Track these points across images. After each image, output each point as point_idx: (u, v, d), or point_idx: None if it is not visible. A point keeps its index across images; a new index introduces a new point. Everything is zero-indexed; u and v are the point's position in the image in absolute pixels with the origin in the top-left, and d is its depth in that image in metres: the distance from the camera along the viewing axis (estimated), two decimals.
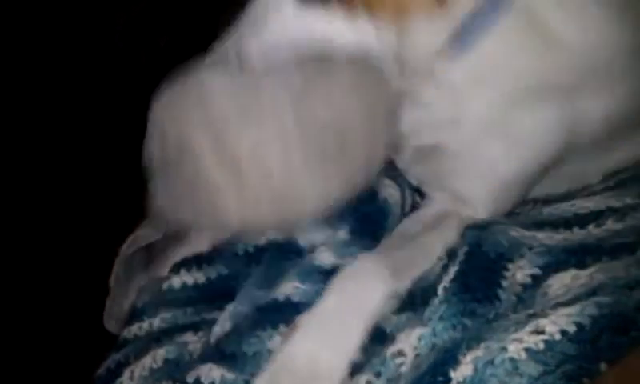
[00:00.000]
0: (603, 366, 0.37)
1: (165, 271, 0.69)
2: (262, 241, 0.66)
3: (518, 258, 0.53)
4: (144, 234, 0.82)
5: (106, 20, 2.54)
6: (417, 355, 0.47)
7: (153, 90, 0.67)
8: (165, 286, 0.68)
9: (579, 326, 0.40)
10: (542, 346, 0.39)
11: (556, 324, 0.40)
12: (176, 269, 0.69)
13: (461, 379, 0.41)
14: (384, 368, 0.48)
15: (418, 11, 0.58)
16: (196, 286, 0.68)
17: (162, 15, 2.34)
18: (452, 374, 0.41)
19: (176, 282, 0.68)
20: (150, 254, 0.77)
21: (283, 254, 0.64)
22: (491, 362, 0.40)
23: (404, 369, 0.47)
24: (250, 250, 0.67)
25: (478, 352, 0.41)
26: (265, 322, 0.55)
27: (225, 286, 0.66)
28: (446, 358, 0.43)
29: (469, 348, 0.42)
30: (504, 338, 0.41)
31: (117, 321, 0.73)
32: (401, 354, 0.48)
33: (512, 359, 0.39)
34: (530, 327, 0.41)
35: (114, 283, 0.76)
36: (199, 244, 0.69)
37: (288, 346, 0.50)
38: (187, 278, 0.68)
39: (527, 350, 0.39)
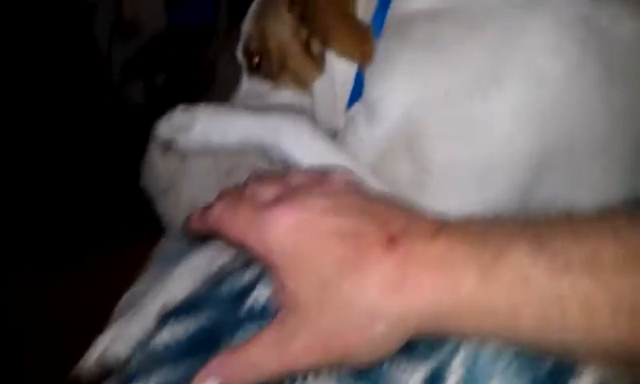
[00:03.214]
0: None
1: (148, 321, 0.67)
2: (243, 281, 0.62)
3: None
4: (138, 291, 0.79)
5: (104, 57, 2.63)
6: None
7: (149, 126, 0.75)
8: (156, 340, 0.65)
9: None
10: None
11: None
12: (165, 319, 0.65)
13: None
14: None
15: (306, 75, 0.76)
16: (187, 336, 0.64)
17: (159, 53, 2.39)
18: None
19: (165, 336, 0.64)
20: None
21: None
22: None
23: None
24: (234, 292, 0.63)
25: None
26: None
27: (216, 333, 0.61)
28: None
29: None
30: None
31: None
32: None
33: None
34: None
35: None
36: (180, 289, 0.69)
37: None
38: (177, 329, 0.64)
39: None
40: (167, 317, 0.65)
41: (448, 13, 0.65)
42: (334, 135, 0.72)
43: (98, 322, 0.74)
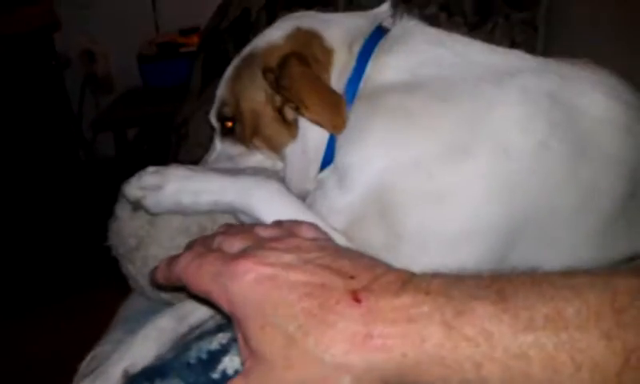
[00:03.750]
0: None
1: None
2: (214, 345, 0.60)
3: None
4: (102, 351, 0.77)
5: (75, 112, 2.63)
6: None
7: (119, 179, 0.75)
8: None
9: None
10: None
11: None
12: None
13: None
14: None
15: (279, 140, 0.78)
16: None
17: (132, 108, 2.40)
18: None
19: None
20: None
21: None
22: None
23: None
24: (203, 356, 0.61)
25: None
26: None
27: None
28: None
29: None
30: None
31: None
32: None
33: None
34: None
35: None
36: (144, 353, 0.67)
37: None
38: None
39: None
40: None
41: (420, 85, 0.68)
42: (304, 199, 0.72)
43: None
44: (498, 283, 0.37)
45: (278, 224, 0.53)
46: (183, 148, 1.32)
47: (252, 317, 0.41)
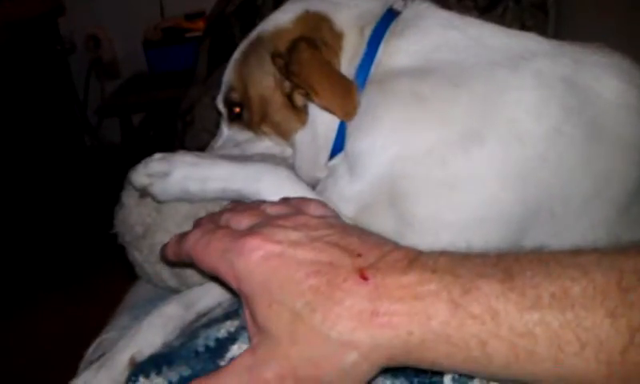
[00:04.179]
0: None
1: (116, 373, 0.64)
2: (222, 333, 0.60)
3: None
4: (109, 338, 0.76)
5: (80, 98, 2.63)
6: None
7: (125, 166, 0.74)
8: None
9: None
10: None
11: None
12: (134, 376, 0.62)
13: None
14: None
15: (288, 127, 0.76)
16: None
17: (138, 93, 2.39)
18: None
19: None
20: None
21: None
22: None
23: None
24: (211, 344, 0.60)
25: None
26: None
27: None
28: None
29: None
30: None
31: None
32: None
33: None
34: None
35: None
36: (150, 340, 0.66)
37: None
38: None
39: None
40: (137, 373, 0.61)
41: (432, 70, 0.66)
42: (313, 187, 0.71)
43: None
44: (504, 262, 0.38)
45: (285, 201, 0.53)
46: (189, 134, 1.32)
47: (259, 293, 0.41)
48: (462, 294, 0.36)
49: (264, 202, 0.55)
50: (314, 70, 0.67)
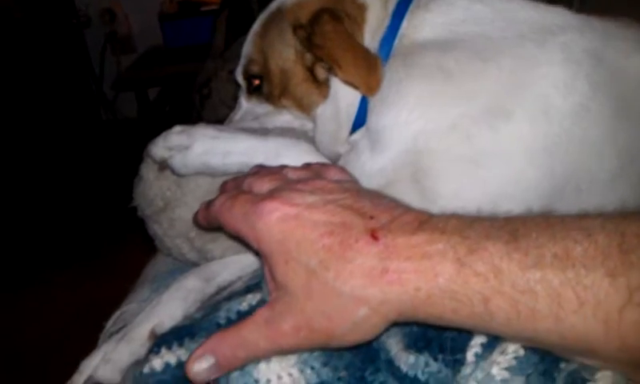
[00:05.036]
0: None
1: (137, 346, 0.65)
2: (244, 306, 0.60)
3: None
4: (129, 310, 0.77)
5: (96, 71, 2.63)
6: None
7: (141, 140, 0.75)
8: (146, 370, 0.61)
9: None
10: (513, 362, 0.41)
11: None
12: (156, 347, 0.62)
13: None
14: None
15: (309, 100, 0.76)
16: (179, 365, 0.61)
17: (152, 68, 2.38)
18: None
19: (157, 363, 0.61)
20: None
21: None
22: None
23: None
24: (233, 317, 0.60)
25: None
26: None
27: None
28: None
29: None
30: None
31: None
32: None
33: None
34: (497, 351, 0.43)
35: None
36: (170, 313, 0.67)
37: None
38: (169, 357, 0.61)
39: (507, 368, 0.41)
40: (159, 345, 0.61)
41: (457, 43, 0.65)
42: (334, 162, 0.70)
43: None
44: (511, 224, 0.39)
45: (306, 166, 0.56)
46: (207, 107, 1.31)
47: (277, 252, 0.44)
48: (468, 254, 0.38)
49: (286, 166, 0.57)
50: (337, 43, 0.66)
